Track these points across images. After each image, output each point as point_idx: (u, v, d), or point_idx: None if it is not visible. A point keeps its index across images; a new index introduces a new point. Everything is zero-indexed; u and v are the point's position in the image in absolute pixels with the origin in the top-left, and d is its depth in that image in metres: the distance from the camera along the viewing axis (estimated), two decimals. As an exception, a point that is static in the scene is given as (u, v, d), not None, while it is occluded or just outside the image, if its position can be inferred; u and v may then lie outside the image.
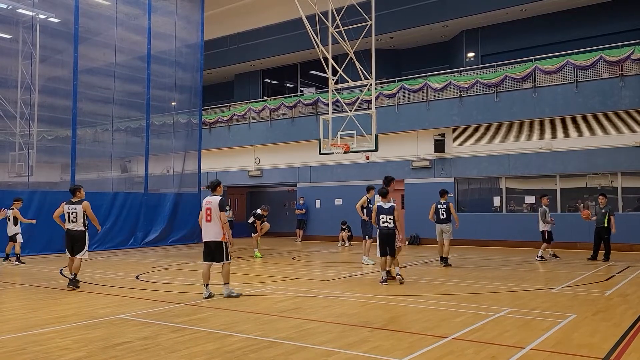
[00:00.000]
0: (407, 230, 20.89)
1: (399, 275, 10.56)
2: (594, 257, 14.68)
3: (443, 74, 21.29)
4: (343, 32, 17.25)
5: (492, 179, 20.48)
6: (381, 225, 10.51)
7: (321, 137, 17.31)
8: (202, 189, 24.72)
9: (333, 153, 17.27)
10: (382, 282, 10.36)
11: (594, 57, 17.81)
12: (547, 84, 18.85)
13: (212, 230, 8.83)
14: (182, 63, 23.50)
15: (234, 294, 8.92)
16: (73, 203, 10.27)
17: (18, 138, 19.65)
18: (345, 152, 16.94)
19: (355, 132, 16.48)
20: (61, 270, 13.16)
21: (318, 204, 24.19)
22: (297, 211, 24.34)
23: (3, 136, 19.63)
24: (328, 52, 17.08)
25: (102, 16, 20.85)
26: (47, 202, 17.82)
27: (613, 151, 17.78)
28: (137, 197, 21.05)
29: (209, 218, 8.83)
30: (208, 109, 28.20)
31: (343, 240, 21.50)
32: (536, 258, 14.91)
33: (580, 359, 5.31)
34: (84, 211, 10.26)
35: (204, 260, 8.99)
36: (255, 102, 26.98)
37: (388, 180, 11.67)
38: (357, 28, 17.42)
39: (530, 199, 19.54)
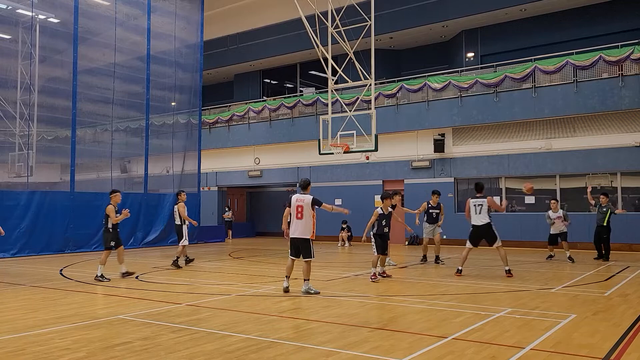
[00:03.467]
0: (407, 231, 20.86)
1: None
2: (599, 257, 14.62)
3: (443, 74, 21.29)
4: (343, 32, 17.25)
5: (492, 179, 20.48)
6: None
7: (321, 137, 17.32)
8: (202, 189, 24.73)
9: (333, 153, 17.28)
10: (378, 278, 11.09)
11: (594, 57, 17.82)
12: (547, 84, 18.86)
13: (301, 227, 9.08)
14: (182, 63, 23.48)
15: (312, 291, 9.06)
16: (176, 204, 13.90)
17: (18, 138, 19.65)
18: (345, 152, 16.95)
19: (354, 132, 16.49)
20: (61, 270, 13.16)
21: (318, 204, 24.16)
22: (296, 211, 24.31)
23: (3, 137, 19.63)
24: (328, 52, 17.08)
25: (102, 16, 20.83)
26: (46, 203, 17.83)
27: (613, 151, 17.78)
28: (137, 197, 21.02)
29: (299, 215, 9.09)
30: (208, 109, 28.20)
31: (343, 240, 21.50)
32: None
33: (580, 359, 5.31)
34: (179, 210, 13.74)
35: (290, 256, 9.35)
36: (254, 102, 26.99)
37: (480, 187, 12.14)
38: (357, 28, 17.43)
39: (530, 199, 19.55)
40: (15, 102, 19.64)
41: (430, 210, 14.21)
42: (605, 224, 14.29)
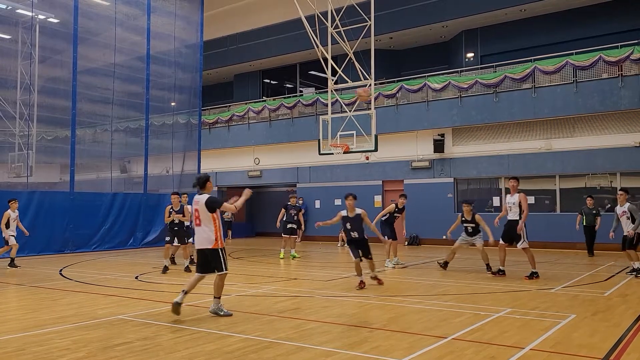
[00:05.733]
0: (407, 231, 20.86)
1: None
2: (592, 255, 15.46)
3: (442, 74, 21.29)
4: (342, 32, 17.24)
5: (492, 179, 20.48)
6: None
7: (321, 138, 17.31)
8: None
9: (332, 153, 17.28)
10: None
11: (594, 58, 17.82)
12: (547, 84, 18.86)
13: (200, 236, 7.53)
14: (182, 63, 23.47)
15: (221, 312, 7.43)
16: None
17: (17, 138, 19.65)
18: (344, 153, 16.94)
19: (354, 132, 16.49)
20: (61, 270, 13.16)
21: (317, 204, 24.19)
22: (295, 211, 24.31)
23: (2, 137, 19.64)
24: (327, 53, 17.08)
25: (102, 16, 20.83)
26: (46, 203, 17.83)
27: (612, 151, 17.79)
28: (137, 197, 21.03)
29: (197, 221, 7.54)
30: (207, 109, 28.20)
31: (343, 240, 21.47)
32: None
33: (580, 359, 5.31)
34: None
35: (196, 272, 7.68)
36: (254, 102, 26.98)
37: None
38: (357, 28, 17.42)
39: (529, 199, 19.52)
40: (15, 102, 19.64)
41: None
42: (594, 225, 15.08)
